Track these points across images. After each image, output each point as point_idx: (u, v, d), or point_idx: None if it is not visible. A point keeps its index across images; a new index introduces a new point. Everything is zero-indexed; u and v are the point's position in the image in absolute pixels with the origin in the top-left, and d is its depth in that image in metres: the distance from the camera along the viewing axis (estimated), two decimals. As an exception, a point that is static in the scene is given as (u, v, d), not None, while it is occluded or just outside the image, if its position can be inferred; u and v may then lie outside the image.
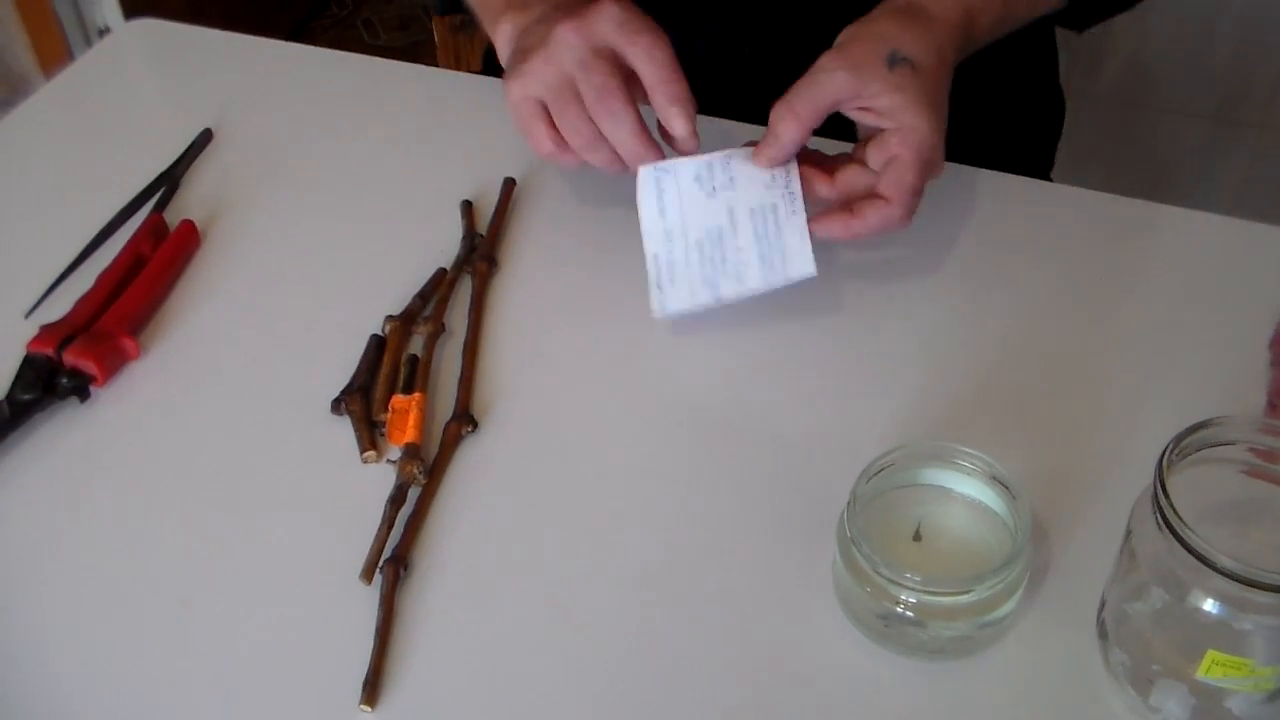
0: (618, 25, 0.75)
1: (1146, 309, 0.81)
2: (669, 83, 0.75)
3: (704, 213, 0.77)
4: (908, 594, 0.61)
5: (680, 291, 0.77)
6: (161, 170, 0.94)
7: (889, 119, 0.75)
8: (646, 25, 0.76)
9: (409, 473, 0.72)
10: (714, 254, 0.77)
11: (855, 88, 0.75)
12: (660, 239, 0.77)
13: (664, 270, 0.77)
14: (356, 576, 0.67)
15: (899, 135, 0.75)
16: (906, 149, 0.75)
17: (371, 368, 0.78)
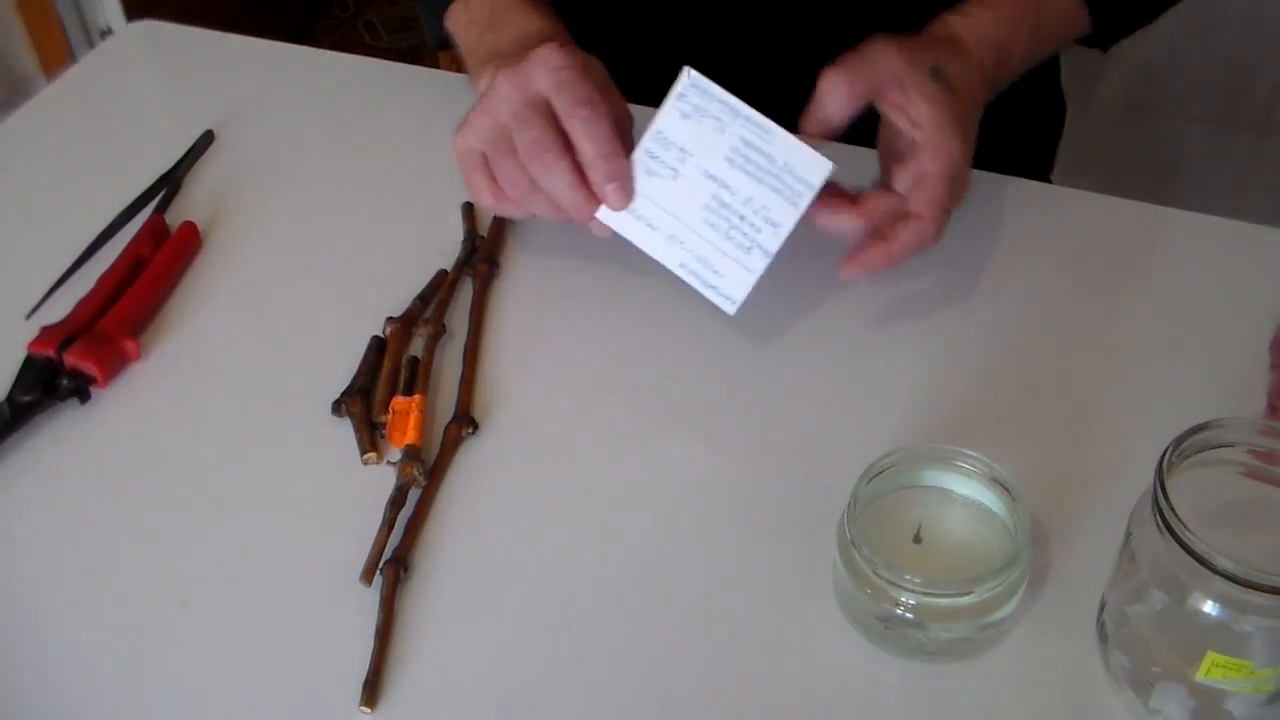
0: (555, 86, 0.73)
1: (1147, 311, 0.81)
2: (607, 158, 0.73)
3: (685, 195, 0.74)
4: (908, 596, 0.61)
5: (732, 276, 0.74)
6: (163, 172, 0.94)
7: (921, 131, 0.74)
8: (583, 90, 0.73)
9: (409, 474, 0.72)
10: (731, 220, 0.74)
11: (902, 78, 0.74)
12: (671, 248, 0.75)
13: (701, 270, 0.75)
14: (356, 578, 0.67)
15: (930, 150, 0.74)
16: (937, 164, 0.74)
17: (372, 369, 0.78)
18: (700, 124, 0.73)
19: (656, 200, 0.74)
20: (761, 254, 0.74)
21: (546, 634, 0.66)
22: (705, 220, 0.74)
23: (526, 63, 0.74)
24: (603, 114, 0.73)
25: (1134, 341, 0.79)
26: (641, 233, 0.75)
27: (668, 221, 0.74)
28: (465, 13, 0.88)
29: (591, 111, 0.72)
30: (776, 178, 0.73)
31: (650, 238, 0.75)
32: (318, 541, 0.70)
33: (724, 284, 0.74)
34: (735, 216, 0.74)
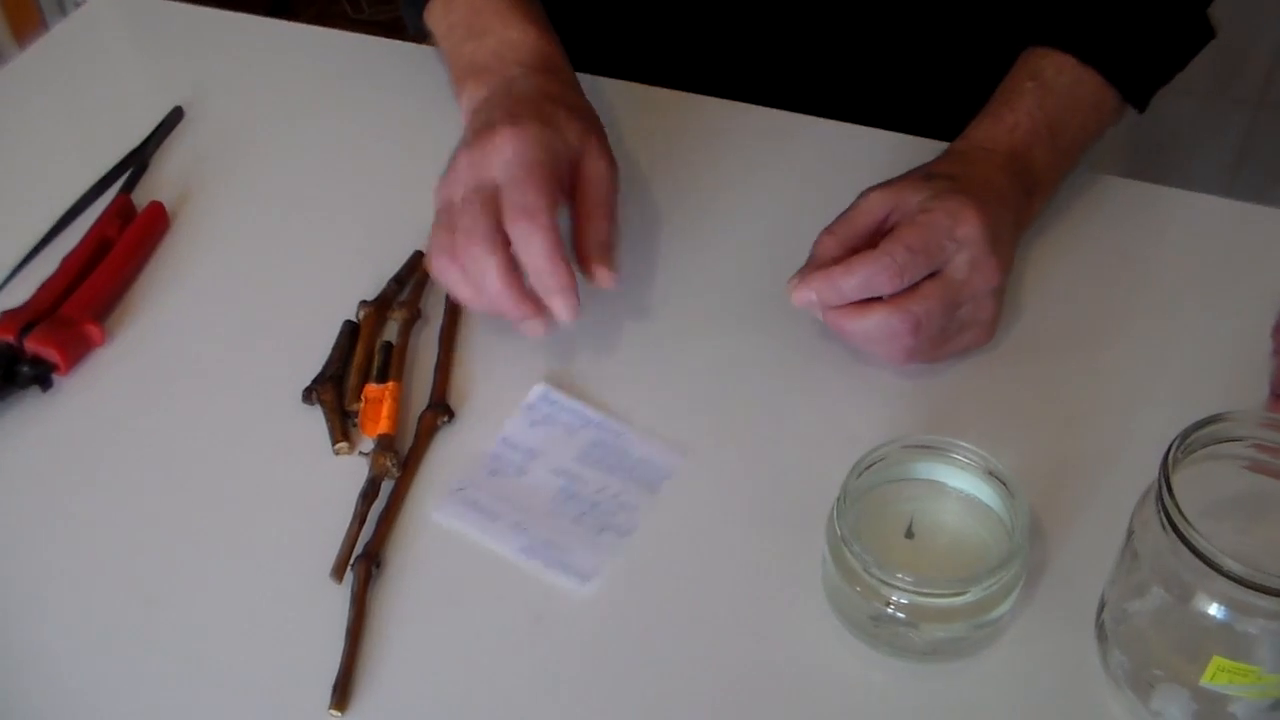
0: (505, 181, 0.70)
1: (1145, 295, 0.79)
2: (548, 272, 0.69)
3: (532, 491, 0.69)
4: (899, 595, 0.59)
5: (582, 555, 0.66)
6: (130, 149, 0.91)
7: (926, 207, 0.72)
8: (527, 194, 0.69)
9: (382, 465, 0.69)
10: (581, 507, 0.68)
11: (889, 202, 0.72)
12: (513, 535, 0.67)
13: (545, 552, 0.67)
14: (327, 574, 0.65)
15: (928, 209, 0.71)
16: (930, 214, 0.70)
17: (344, 355, 0.76)
18: (551, 429, 0.72)
19: (500, 495, 0.69)
20: (615, 534, 0.67)
21: (524, 632, 0.63)
22: (552, 511, 0.68)
23: (483, 146, 0.72)
24: (542, 224, 0.69)
25: (1132, 325, 0.77)
26: (481, 523, 0.68)
27: (511, 512, 0.68)
28: (446, 15, 0.85)
29: (530, 222, 0.69)
30: (632, 470, 0.70)
31: (490, 527, 0.68)
32: (287, 536, 0.67)
33: (573, 562, 0.66)
34: (586, 504, 0.69)
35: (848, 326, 0.70)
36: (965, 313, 0.71)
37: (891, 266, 0.68)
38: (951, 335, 0.72)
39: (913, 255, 0.69)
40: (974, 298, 0.71)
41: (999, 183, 0.74)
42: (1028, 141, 0.77)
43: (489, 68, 0.80)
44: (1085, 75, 0.79)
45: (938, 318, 0.69)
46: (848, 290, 0.69)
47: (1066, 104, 0.78)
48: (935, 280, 0.70)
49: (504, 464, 0.70)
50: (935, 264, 0.69)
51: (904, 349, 0.70)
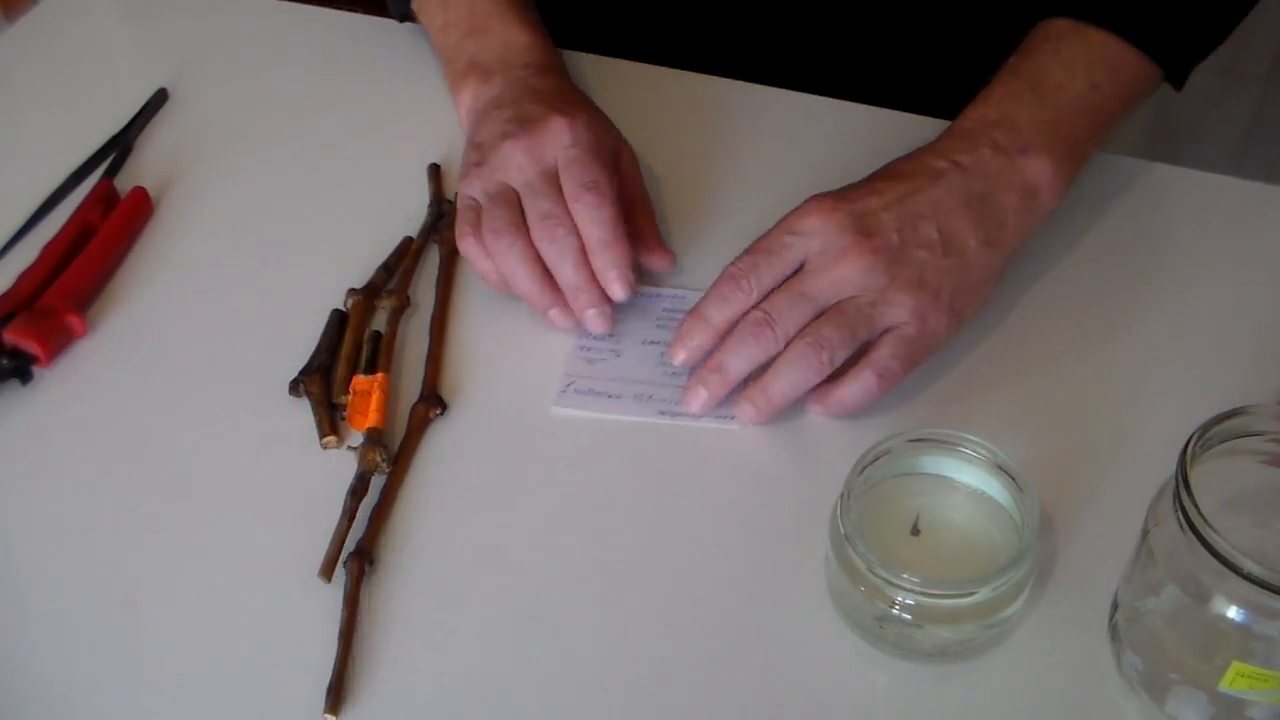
0: (565, 163, 0.73)
1: (1157, 279, 0.76)
2: (610, 245, 0.71)
3: (635, 364, 0.73)
4: (905, 595, 0.57)
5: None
6: (113, 133, 0.89)
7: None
8: (590, 171, 0.72)
9: (371, 460, 0.67)
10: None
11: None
12: (643, 405, 0.71)
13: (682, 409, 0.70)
14: (316, 573, 0.63)
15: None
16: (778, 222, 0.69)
17: (332, 345, 0.74)
18: (618, 312, 0.74)
19: (609, 376, 0.72)
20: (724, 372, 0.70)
21: (522, 630, 0.61)
22: (665, 372, 0.72)
23: (540, 133, 0.74)
24: (609, 199, 0.71)
25: (1144, 312, 0.74)
26: (605, 405, 0.71)
27: (627, 387, 0.71)
28: (443, 12, 0.85)
29: (598, 197, 0.71)
30: None
31: (618, 405, 0.71)
32: (274, 533, 0.65)
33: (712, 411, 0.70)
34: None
35: (719, 364, 0.68)
36: (859, 300, 0.67)
37: (733, 273, 0.68)
38: (860, 324, 0.67)
39: (751, 256, 0.68)
40: (846, 285, 0.66)
41: (938, 161, 0.70)
42: (1001, 106, 0.72)
43: (493, 68, 0.80)
44: (1085, 36, 0.73)
45: (785, 308, 0.66)
46: (710, 315, 0.68)
47: (1055, 63, 0.73)
48: (790, 278, 0.68)
49: (596, 351, 0.73)
50: (782, 263, 0.67)
51: (804, 351, 0.66)
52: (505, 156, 0.74)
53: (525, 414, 0.71)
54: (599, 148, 0.74)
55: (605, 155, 0.74)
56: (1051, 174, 0.71)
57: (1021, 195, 0.71)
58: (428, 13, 0.86)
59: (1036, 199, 0.71)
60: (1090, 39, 0.74)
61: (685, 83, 0.91)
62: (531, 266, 0.72)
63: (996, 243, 0.70)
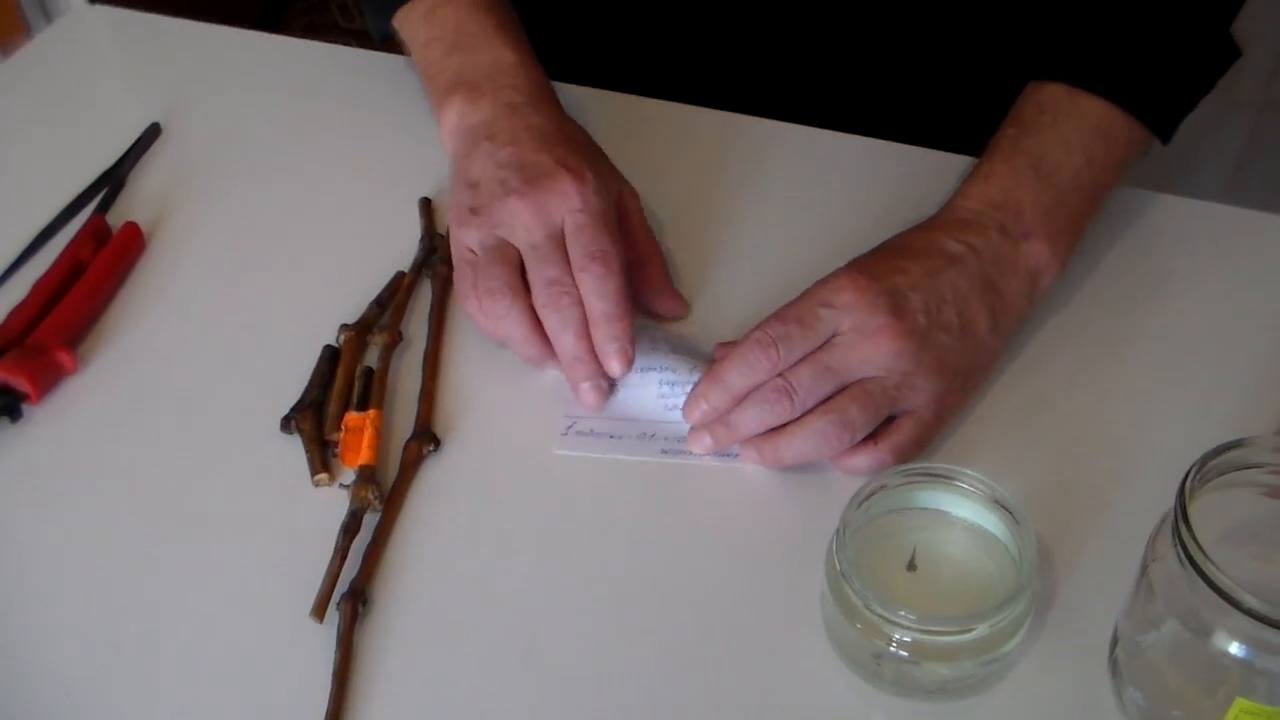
0: (573, 229, 0.71)
1: (1154, 309, 0.76)
2: (613, 320, 0.69)
3: (637, 398, 0.72)
4: (902, 633, 0.56)
5: None
6: (106, 168, 0.88)
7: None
8: (599, 241, 0.70)
9: (363, 498, 0.67)
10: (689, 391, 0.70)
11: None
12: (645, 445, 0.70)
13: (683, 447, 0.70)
14: (308, 613, 0.62)
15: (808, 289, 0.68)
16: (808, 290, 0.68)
17: (324, 381, 0.73)
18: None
19: (610, 414, 0.71)
20: None
21: (517, 670, 0.61)
22: (665, 407, 0.71)
23: (548, 192, 0.72)
24: (615, 270, 0.70)
25: (1140, 343, 0.74)
26: (609, 446, 0.70)
27: (629, 426, 0.71)
28: (425, 28, 0.83)
29: (604, 268, 0.70)
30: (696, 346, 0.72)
31: (620, 446, 0.70)
32: (266, 573, 0.65)
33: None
34: (690, 386, 0.70)
35: (730, 422, 0.67)
36: (884, 381, 0.66)
37: (763, 340, 0.66)
38: (883, 407, 0.66)
39: (783, 325, 0.66)
40: (873, 364, 0.66)
41: (951, 243, 0.70)
42: (1004, 186, 0.72)
43: (481, 86, 0.78)
44: (1079, 105, 0.74)
45: (809, 380, 0.65)
46: (733, 381, 0.67)
47: (1053, 139, 0.73)
48: (816, 350, 0.67)
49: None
50: (813, 334, 0.66)
51: (824, 428, 0.65)
52: (510, 214, 0.72)
53: (519, 451, 0.70)
54: (607, 211, 0.73)
55: (613, 219, 0.73)
56: (1050, 256, 0.72)
57: (1025, 279, 0.71)
58: (409, 30, 0.84)
59: (1038, 282, 0.72)
60: (1084, 108, 0.74)
61: (683, 115, 0.90)
62: (529, 330, 0.71)
63: (1003, 328, 0.71)
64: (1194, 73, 0.77)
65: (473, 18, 0.82)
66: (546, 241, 0.71)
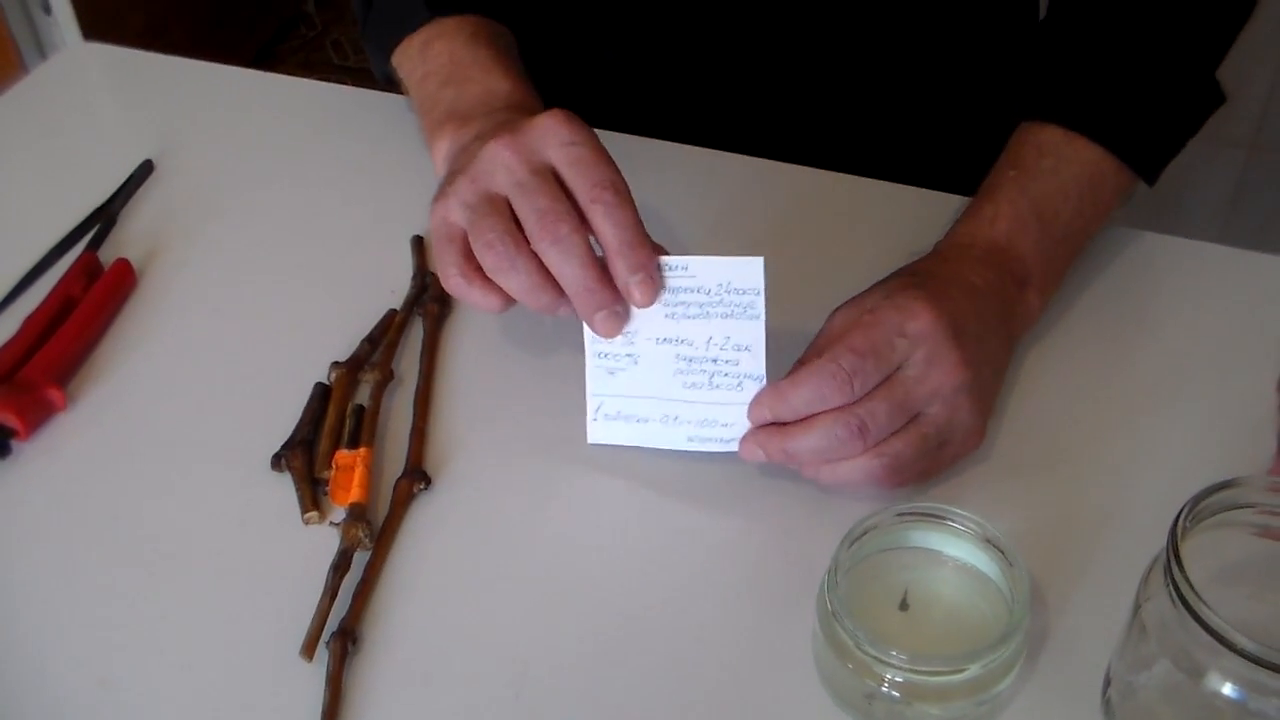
0: (569, 163, 0.65)
1: (1145, 347, 0.76)
2: (633, 247, 0.65)
3: (653, 373, 0.68)
4: (894, 673, 0.56)
5: (738, 419, 0.68)
6: (98, 205, 0.88)
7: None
8: (603, 170, 0.65)
9: (354, 536, 0.66)
10: (706, 369, 0.68)
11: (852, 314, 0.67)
12: (670, 430, 0.69)
13: (709, 434, 0.69)
14: (297, 652, 0.62)
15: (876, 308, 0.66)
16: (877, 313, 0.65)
17: (315, 419, 0.73)
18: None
19: (630, 394, 0.69)
20: (754, 382, 0.67)
21: (508, 710, 0.60)
22: (684, 385, 0.68)
23: (529, 130, 0.66)
24: (627, 198, 0.65)
25: (1129, 381, 0.74)
26: (636, 433, 0.70)
27: (653, 407, 0.69)
28: (421, 63, 0.82)
29: (616, 196, 0.64)
30: (721, 304, 0.67)
31: (646, 432, 0.69)
32: (255, 611, 0.64)
33: (737, 430, 0.68)
34: (708, 363, 0.67)
35: (789, 447, 0.65)
36: (938, 417, 0.65)
37: (839, 374, 0.63)
38: (932, 447, 0.65)
39: (860, 358, 0.63)
40: (939, 398, 0.64)
41: (974, 277, 0.69)
42: (1010, 232, 0.72)
43: (472, 114, 0.76)
44: (1077, 151, 0.74)
45: (884, 419, 0.63)
46: (799, 405, 0.64)
47: (1054, 187, 0.74)
48: (886, 381, 0.64)
49: (613, 360, 0.69)
50: (887, 365, 0.64)
51: (874, 470, 0.64)
52: (488, 160, 0.66)
53: (511, 490, 0.70)
54: (600, 144, 0.67)
55: (608, 153, 0.67)
56: (1038, 308, 0.73)
57: (1021, 324, 0.73)
58: (407, 67, 0.84)
59: (1025, 329, 0.73)
60: (1082, 155, 0.75)
61: (673, 154, 0.91)
62: (538, 278, 0.65)
63: (1003, 369, 0.71)
64: (1182, 117, 0.78)
65: (467, 49, 0.81)
66: (532, 176, 0.65)
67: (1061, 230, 0.74)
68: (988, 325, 0.68)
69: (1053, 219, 0.73)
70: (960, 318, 0.66)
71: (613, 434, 0.70)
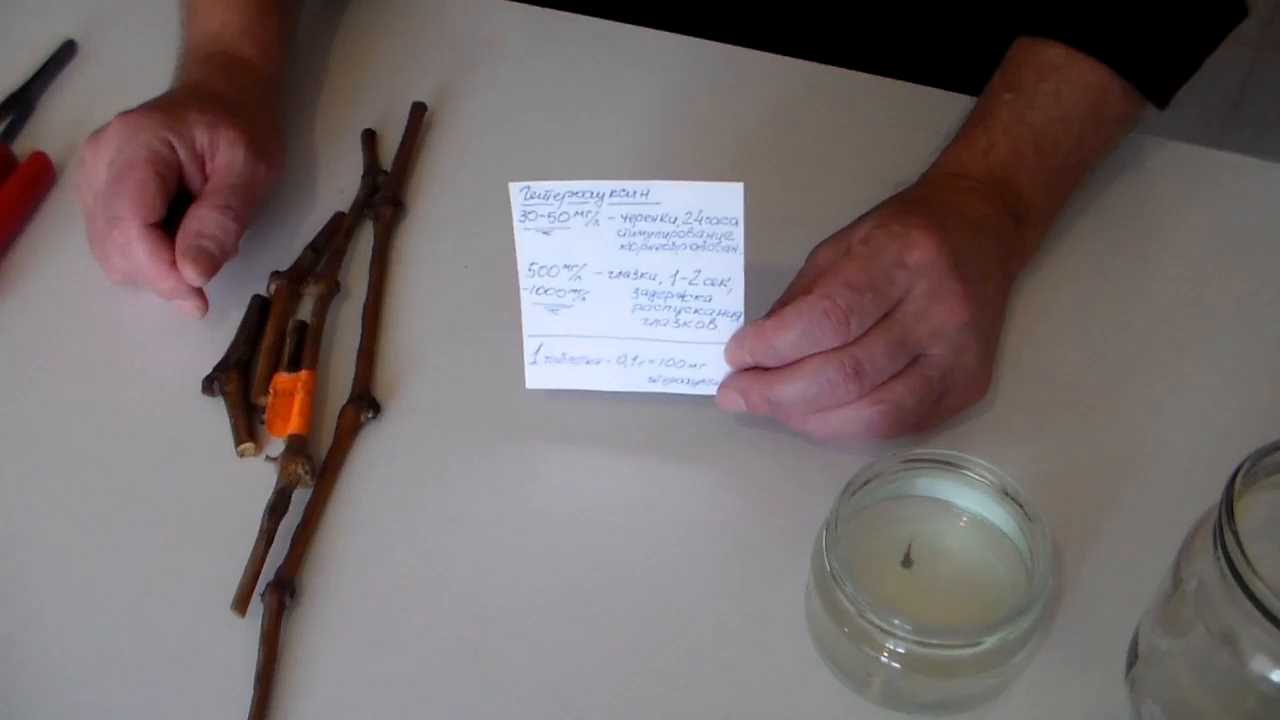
0: (106, 185, 0.66)
1: (1155, 271, 0.69)
2: (158, 280, 0.65)
3: (606, 310, 0.61)
4: (896, 643, 0.50)
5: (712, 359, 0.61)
6: (12, 90, 0.81)
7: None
8: (116, 207, 0.64)
9: (292, 473, 0.60)
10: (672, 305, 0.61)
11: (839, 247, 0.61)
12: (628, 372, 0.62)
13: (674, 374, 0.62)
14: (229, 606, 0.56)
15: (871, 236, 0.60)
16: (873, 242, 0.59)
17: (252, 338, 0.66)
18: (568, 229, 0.60)
19: (577, 333, 0.62)
20: (730, 319, 0.60)
21: (466, 671, 0.55)
22: (644, 321, 0.61)
23: (99, 140, 0.67)
24: (131, 234, 0.64)
25: (1141, 309, 0.68)
26: (585, 375, 0.63)
27: (607, 347, 0.62)
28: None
29: (122, 234, 0.65)
30: (691, 234, 0.59)
31: (598, 374, 0.63)
32: (180, 558, 0.59)
33: (707, 372, 0.61)
34: (674, 298, 0.60)
35: (774, 394, 0.58)
36: (941, 359, 0.58)
37: (833, 312, 0.56)
38: (934, 393, 0.59)
39: (856, 294, 0.57)
40: (942, 338, 0.58)
41: (971, 210, 0.63)
42: (1007, 164, 0.66)
43: (187, 65, 0.75)
44: (1080, 74, 0.67)
45: (882, 360, 0.57)
46: (785, 349, 0.58)
47: (1055, 114, 0.67)
48: (884, 319, 0.58)
49: (555, 295, 0.61)
50: (886, 301, 0.57)
51: (872, 418, 0.57)
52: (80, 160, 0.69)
53: (470, 418, 0.64)
54: (144, 159, 0.66)
55: (149, 170, 0.66)
56: (1034, 247, 0.68)
57: (1018, 261, 0.67)
58: None
59: (1020, 266, 0.68)
60: (1085, 78, 0.68)
61: (691, 49, 0.83)
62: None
63: (1002, 313, 0.65)
64: (1198, 32, 0.70)
65: None
66: (91, 198, 0.67)
67: (1061, 162, 0.68)
68: (988, 263, 0.62)
69: (1052, 150, 0.67)
70: (964, 250, 0.60)
71: (557, 378, 0.63)
